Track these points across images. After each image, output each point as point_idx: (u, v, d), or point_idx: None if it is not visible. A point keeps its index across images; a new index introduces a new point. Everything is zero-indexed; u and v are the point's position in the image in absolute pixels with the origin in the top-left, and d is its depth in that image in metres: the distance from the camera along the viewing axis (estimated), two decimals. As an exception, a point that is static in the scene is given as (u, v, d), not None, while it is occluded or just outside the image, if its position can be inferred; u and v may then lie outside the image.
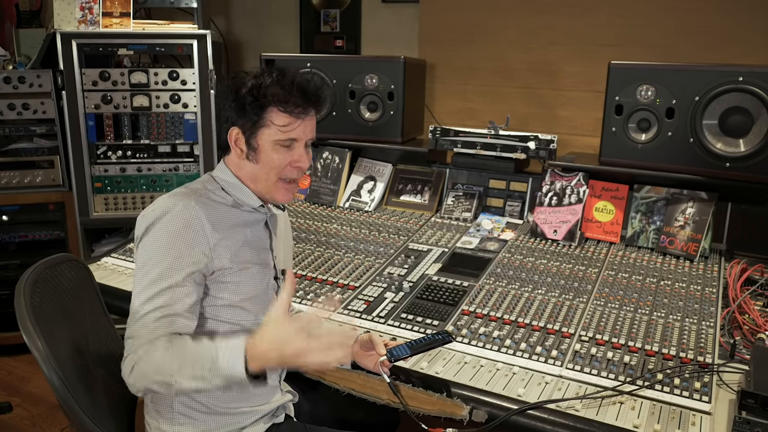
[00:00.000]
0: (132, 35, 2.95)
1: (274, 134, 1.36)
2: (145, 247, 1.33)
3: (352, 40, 3.50)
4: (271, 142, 1.37)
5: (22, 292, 1.30)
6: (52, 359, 1.23)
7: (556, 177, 2.29)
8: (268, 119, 1.36)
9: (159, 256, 1.30)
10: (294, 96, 1.35)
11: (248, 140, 1.39)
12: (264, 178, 1.41)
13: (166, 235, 1.31)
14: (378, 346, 1.48)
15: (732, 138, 1.99)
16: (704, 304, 1.78)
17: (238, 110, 1.37)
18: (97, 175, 3.03)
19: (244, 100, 1.36)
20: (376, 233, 2.32)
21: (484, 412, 1.39)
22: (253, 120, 1.36)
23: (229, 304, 1.40)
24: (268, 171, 1.40)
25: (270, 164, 1.39)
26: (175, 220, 1.32)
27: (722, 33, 2.45)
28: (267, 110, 1.35)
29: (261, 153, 1.39)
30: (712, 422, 1.33)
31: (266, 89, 1.35)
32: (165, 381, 1.21)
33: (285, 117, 1.36)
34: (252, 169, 1.41)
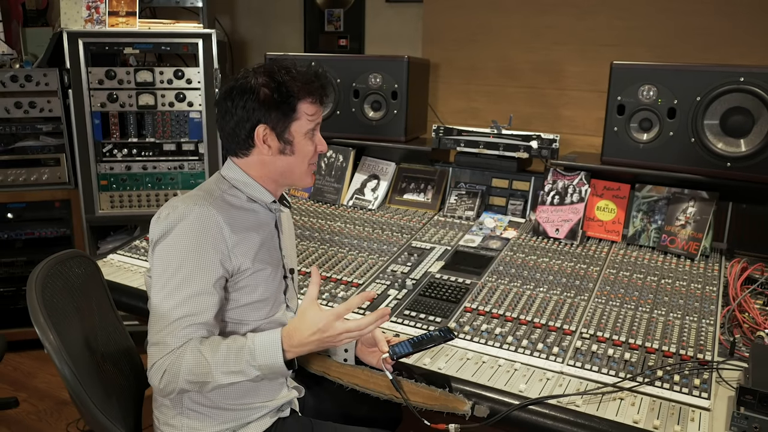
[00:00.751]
0: (138, 34, 2.97)
1: (305, 125, 1.43)
2: (164, 252, 1.34)
3: (355, 39, 3.52)
4: (302, 132, 1.43)
5: (34, 286, 1.32)
6: (63, 352, 1.25)
7: (559, 176, 2.31)
8: (301, 111, 1.41)
9: (181, 261, 1.32)
10: (317, 85, 1.43)
11: (281, 135, 1.41)
12: (299, 168, 1.46)
13: (186, 239, 1.33)
14: (381, 342, 1.50)
15: (733, 138, 2.01)
16: (704, 303, 1.79)
17: (264, 109, 1.38)
18: (102, 173, 3.06)
19: (272, 99, 1.38)
20: (380, 231, 2.34)
21: (486, 408, 1.41)
22: (287, 115, 1.40)
23: (244, 304, 1.42)
24: (302, 160, 1.46)
25: (305, 153, 1.45)
26: (194, 224, 1.34)
27: (721, 34, 2.47)
28: (300, 104, 1.41)
29: (296, 145, 1.43)
30: (711, 418, 1.35)
31: (291, 84, 1.39)
32: (200, 381, 1.29)
33: (314, 106, 1.44)
34: (286, 163, 1.45)
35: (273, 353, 1.32)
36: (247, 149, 1.44)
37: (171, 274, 1.32)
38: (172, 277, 1.32)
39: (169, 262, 1.33)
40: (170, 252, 1.33)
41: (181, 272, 1.32)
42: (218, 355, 1.30)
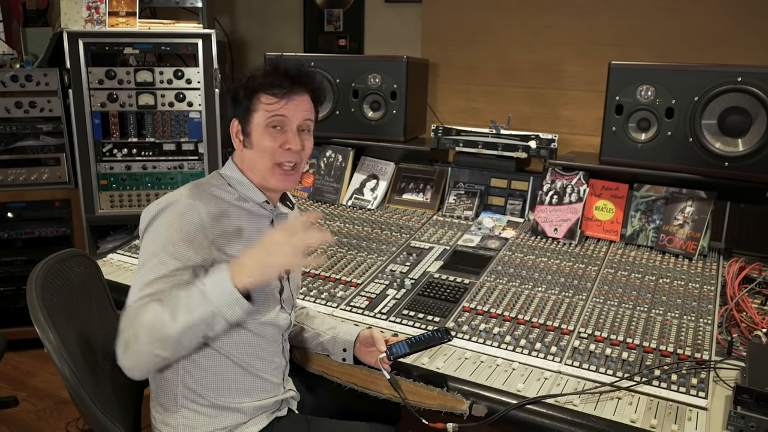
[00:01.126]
0: (138, 34, 2.98)
1: (263, 116, 1.41)
2: (146, 239, 1.35)
3: (355, 39, 3.53)
4: (261, 125, 1.41)
5: (34, 285, 1.33)
6: (63, 351, 1.26)
7: (557, 176, 2.31)
8: (257, 102, 1.41)
9: (158, 246, 1.31)
10: (278, 77, 1.41)
11: (243, 128, 1.44)
12: (259, 163, 1.43)
13: (166, 227, 1.33)
14: (378, 342, 1.51)
15: (731, 138, 2.01)
16: (702, 302, 1.80)
17: (234, 103, 1.45)
18: (102, 173, 3.07)
19: (237, 92, 1.43)
20: (379, 231, 2.34)
21: (484, 407, 1.41)
22: (245, 106, 1.42)
23: None
24: (261, 155, 1.42)
25: (262, 147, 1.42)
26: (174, 212, 1.34)
27: (721, 34, 2.47)
28: (257, 94, 1.41)
29: (253, 137, 1.42)
30: (708, 417, 1.35)
31: (255, 78, 1.42)
32: (160, 334, 1.19)
33: (270, 97, 1.41)
34: (249, 157, 1.45)
35: (221, 280, 1.22)
36: (233, 146, 1.49)
37: (147, 259, 1.30)
38: (147, 262, 1.30)
39: (149, 248, 1.32)
40: (151, 238, 1.33)
41: (157, 257, 1.29)
42: (174, 304, 1.21)
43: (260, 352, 1.46)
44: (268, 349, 1.49)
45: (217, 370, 1.42)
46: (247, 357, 1.44)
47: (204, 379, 1.41)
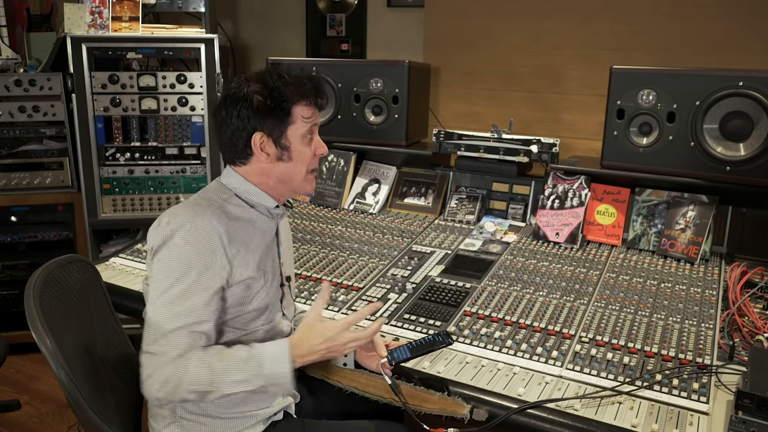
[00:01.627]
0: (141, 39, 2.99)
1: (300, 128, 1.42)
2: (163, 260, 1.33)
3: (357, 44, 3.54)
4: (299, 137, 1.42)
5: (32, 291, 1.33)
6: (60, 357, 1.26)
7: (559, 180, 2.31)
8: (297, 115, 1.41)
9: (180, 270, 1.31)
10: (311, 88, 1.42)
11: (277, 141, 1.41)
12: (298, 174, 1.45)
13: (186, 249, 1.32)
14: (379, 347, 1.51)
15: (732, 142, 2.01)
16: (704, 307, 1.80)
17: (259, 116, 1.38)
18: (105, 177, 3.08)
19: (266, 105, 1.38)
20: (380, 235, 2.35)
21: (485, 411, 1.41)
22: (281, 120, 1.39)
23: (242, 314, 1.42)
24: (301, 166, 1.44)
25: (303, 158, 1.44)
26: (194, 233, 1.33)
27: (723, 38, 2.47)
28: (294, 108, 1.40)
29: (294, 150, 1.42)
30: (709, 422, 1.35)
31: (285, 89, 1.39)
32: (204, 390, 1.28)
33: (309, 109, 1.43)
34: (285, 169, 1.44)
35: (281, 362, 1.32)
36: (245, 158, 1.43)
37: (170, 284, 1.30)
38: (171, 287, 1.30)
39: (169, 271, 1.31)
40: (170, 260, 1.32)
41: (182, 282, 1.30)
42: (223, 364, 1.29)
43: None
44: None
45: None
46: None
47: None
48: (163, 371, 1.26)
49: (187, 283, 1.30)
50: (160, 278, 1.33)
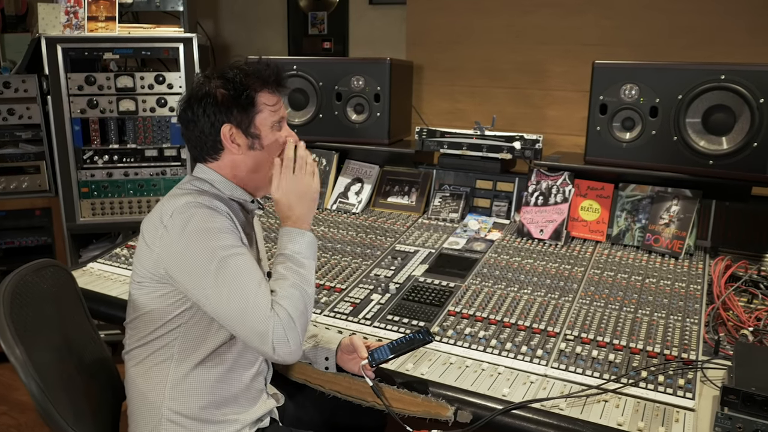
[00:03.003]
0: (117, 39, 2.93)
1: (268, 116, 1.41)
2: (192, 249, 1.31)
3: (339, 41, 3.50)
4: (268, 125, 1.41)
5: (1, 299, 1.29)
6: (30, 367, 1.21)
7: (542, 177, 2.30)
8: (261, 103, 1.40)
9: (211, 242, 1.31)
10: (273, 75, 1.41)
11: (246, 131, 1.40)
12: (269, 162, 1.43)
13: (205, 223, 1.32)
14: (360, 349, 1.48)
15: (715, 136, 2.00)
16: (689, 301, 1.78)
17: (225, 109, 1.38)
18: (83, 180, 3.02)
19: (230, 97, 1.37)
20: (363, 235, 2.32)
21: (469, 413, 1.39)
22: (247, 109, 1.38)
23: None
24: (273, 154, 1.43)
25: (275, 147, 1.43)
26: (207, 212, 1.34)
27: (706, 32, 2.47)
28: (258, 95, 1.39)
29: (264, 138, 1.41)
30: (695, 419, 1.33)
31: (246, 79, 1.38)
32: (309, 303, 1.34)
33: (271, 96, 1.42)
34: (256, 158, 1.42)
35: (300, 237, 1.38)
36: (216, 153, 1.43)
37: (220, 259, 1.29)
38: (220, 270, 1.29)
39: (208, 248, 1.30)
40: (200, 240, 1.31)
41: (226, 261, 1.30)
42: (291, 278, 1.33)
43: (242, 355, 1.43)
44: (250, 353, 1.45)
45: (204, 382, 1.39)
46: (230, 359, 1.41)
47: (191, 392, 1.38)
48: (277, 326, 1.26)
49: (234, 255, 1.31)
50: (204, 261, 1.30)
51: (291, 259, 1.36)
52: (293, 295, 1.30)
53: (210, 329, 1.38)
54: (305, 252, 1.37)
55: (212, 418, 1.41)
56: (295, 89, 2.61)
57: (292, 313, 1.28)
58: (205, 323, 1.38)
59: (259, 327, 1.25)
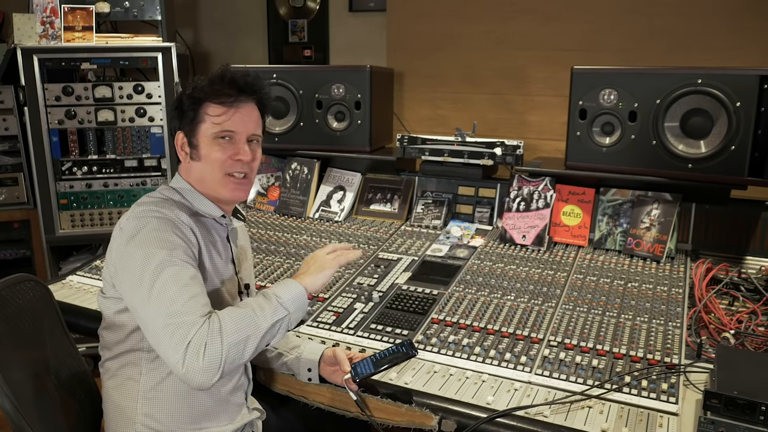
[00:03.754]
0: (95, 49, 2.90)
1: (210, 127, 1.38)
2: (136, 250, 1.28)
3: (320, 49, 3.50)
4: (209, 136, 1.38)
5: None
6: (3, 384, 1.19)
7: (524, 182, 2.30)
8: (203, 113, 1.38)
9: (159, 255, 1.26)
10: (225, 86, 1.37)
11: (190, 140, 1.40)
12: (210, 175, 1.40)
13: (154, 233, 1.29)
14: (343, 363, 1.46)
15: (693, 139, 2.02)
16: (671, 305, 1.79)
17: (179, 115, 1.40)
18: (62, 192, 2.98)
19: (181, 103, 1.39)
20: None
21: (453, 422, 1.38)
22: (190, 118, 1.38)
23: None
24: (211, 166, 1.39)
25: (211, 159, 1.38)
26: (161, 224, 1.31)
27: (684, 37, 2.50)
28: (202, 105, 1.37)
29: (201, 149, 1.39)
30: (679, 423, 1.33)
31: (200, 88, 1.38)
32: (244, 335, 1.20)
33: (217, 107, 1.37)
34: (198, 169, 1.41)
35: (292, 286, 1.32)
36: (179, 159, 1.45)
37: (154, 269, 1.24)
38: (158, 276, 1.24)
39: (147, 257, 1.26)
40: (143, 248, 1.27)
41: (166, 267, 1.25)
42: (250, 306, 1.25)
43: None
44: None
45: (176, 394, 1.37)
46: None
47: (164, 404, 1.36)
48: (196, 336, 1.16)
49: (171, 266, 1.25)
50: (140, 267, 1.26)
51: (266, 295, 1.30)
52: (239, 318, 1.22)
53: None
54: (285, 297, 1.29)
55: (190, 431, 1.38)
56: (276, 98, 2.59)
57: (226, 329, 1.18)
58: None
59: (178, 333, 1.16)
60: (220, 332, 1.18)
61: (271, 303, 1.27)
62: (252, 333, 1.21)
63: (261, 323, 1.23)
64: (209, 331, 1.17)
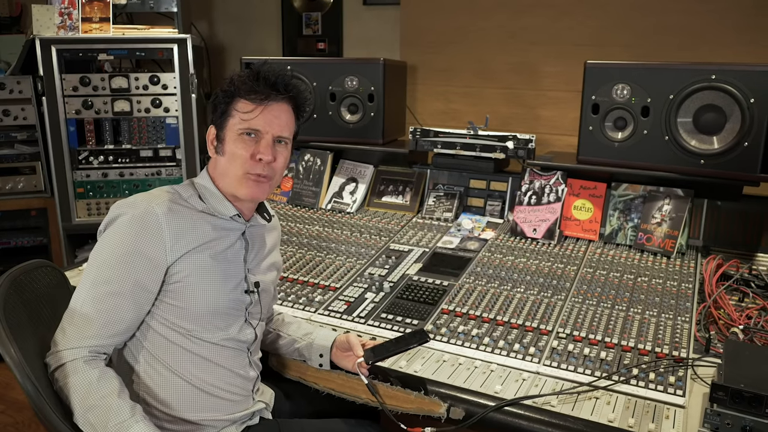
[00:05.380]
0: (111, 40, 2.94)
1: (237, 123, 1.38)
2: (101, 242, 1.35)
3: (334, 42, 3.52)
4: (234, 131, 1.38)
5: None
6: (26, 367, 1.22)
7: (535, 176, 2.31)
8: (233, 108, 1.38)
9: (110, 256, 1.32)
10: (257, 83, 1.37)
11: (218, 134, 1.41)
12: (231, 171, 1.39)
13: (121, 235, 1.32)
14: (355, 347, 1.49)
15: (706, 135, 2.02)
16: (680, 300, 1.80)
17: (213, 109, 1.41)
18: (79, 181, 3.02)
19: (216, 97, 1.41)
20: (358, 234, 2.33)
21: (462, 410, 1.40)
22: (222, 111, 1.39)
23: (180, 311, 1.36)
24: (232, 163, 1.39)
25: (233, 155, 1.38)
26: (133, 221, 1.32)
27: (697, 32, 2.49)
28: (233, 100, 1.38)
29: (226, 144, 1.39)
30: (685, 416, 1.35)
31: (234, 82, 1.39)
32: (72, 405, 1.24)
33: (247, 104, 1.37)
34: (222, 164, 1.42)
35: None
36: (209, 152, 1.46)
37: (99, 266, 1.32)
38: (99, 270, 1.31)
39: (101, 254, 1.33)
40: (105, 244, 1.33)
41: (108, 269, 1.31)
42: (103, 405, 1.23)
43: (221, 371, 1.41)
44: (233, 365, 1.44)
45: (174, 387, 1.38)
46: (207, 378, 1.40)
47: (164, 395, 1.37)
48: (69, 365, 1.26)
49: (112, 271, 1.30)
50: (93, 257, 1.34)
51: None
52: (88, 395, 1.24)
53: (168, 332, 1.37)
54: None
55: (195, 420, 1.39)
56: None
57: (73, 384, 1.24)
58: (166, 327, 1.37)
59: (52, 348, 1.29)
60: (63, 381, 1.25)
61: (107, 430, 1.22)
62: (77, 411, 1.24)
63: (82, 420, 1.24)
64: (72, 370, 1.25)
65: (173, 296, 1.36)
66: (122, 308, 1.30)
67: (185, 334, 1.37)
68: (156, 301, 1.36)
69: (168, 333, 1.37)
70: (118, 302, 1.30)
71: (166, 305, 1.36)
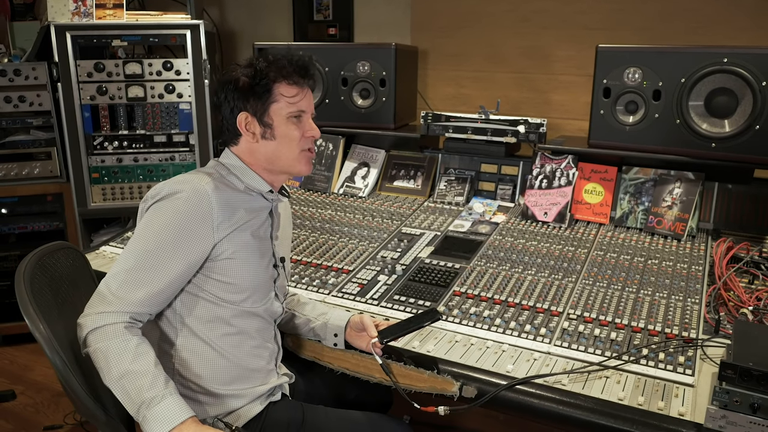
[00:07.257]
0: (125, 26, 2.96)
1: (285, 107, 1.43)
2: (153, 215, 1.37)
3: (345, 27, 3.51)
4: (284, 115, 1.44)
5: (22, 278, 1.33)
6: (54, 342, 1.26)
7: (546, 160, 2.32)
8: (277, 93, 1.42)
9: (162, 229, 1.35)
10: (295, 67, 1.43)
11: (261, 120, 1.44)
12: (286, 153, 1.46)
13: (174, 211, 1.35)
14: (369, 328, 1.52)
15: (717, 118, 2.02)
16: (690, 282, 1.82)
17: (243, 96, 1.43)
18: (94, 166, 3.06)
19: (248, 85, 1.42)
20: (370, 218, 2.35)
21: (474, 388, 1.43)
22: (263, 99, 1.42)
23: (227, 287, 1.42)
24: (287, 145, 1.45)
25: (289, 137, 1.45)
26: (188, 200, 1.36)
27: (709, 15, 2.48)
28: (275, 86, 1.42)
29: (277, 128, 1.44)
30: (694, 394, 1.37)
31: (268, 68, 1.42)
32: (105, 367, 1.27)
33: (292, 88, 1.44)
34: (269, 148, 1.45)
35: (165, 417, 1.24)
36: (236, 138, 1.48)
37: (148, 238, 1.35)
38: (147, 241, 1.35)
39: (150, 226, 1.36)
40: (156, 218, 1.36)
41: (157, 241, 1.34)
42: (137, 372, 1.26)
43: (251, 341, 1.48)
44: (261, 336, 1.51)
45: (210, 360, 1.43)
46: (241, 351, 1.46)
47: (198, 368, 1.43)
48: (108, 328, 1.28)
49: (160, 243, 1.34)
50: (140, 230, 1.37)
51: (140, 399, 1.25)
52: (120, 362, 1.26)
53: (209, 304, 1.43)
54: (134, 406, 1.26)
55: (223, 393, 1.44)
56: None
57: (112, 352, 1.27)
58: (213, 303, 1.42)
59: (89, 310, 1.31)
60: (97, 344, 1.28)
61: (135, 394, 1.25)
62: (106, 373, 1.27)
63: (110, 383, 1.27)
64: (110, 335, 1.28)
65: (222, 273, 1.41)
66: (167, 280, 1.35)
67: (231, 308, 1.43)
68: (203, 277, 1.41)
69: (214, 309, 1.43)
70: (165, 274, 1.34)
71: (214, 282, 1.41)
